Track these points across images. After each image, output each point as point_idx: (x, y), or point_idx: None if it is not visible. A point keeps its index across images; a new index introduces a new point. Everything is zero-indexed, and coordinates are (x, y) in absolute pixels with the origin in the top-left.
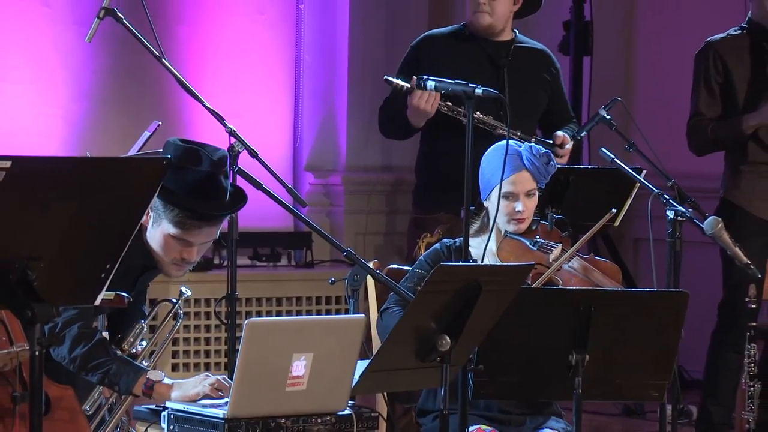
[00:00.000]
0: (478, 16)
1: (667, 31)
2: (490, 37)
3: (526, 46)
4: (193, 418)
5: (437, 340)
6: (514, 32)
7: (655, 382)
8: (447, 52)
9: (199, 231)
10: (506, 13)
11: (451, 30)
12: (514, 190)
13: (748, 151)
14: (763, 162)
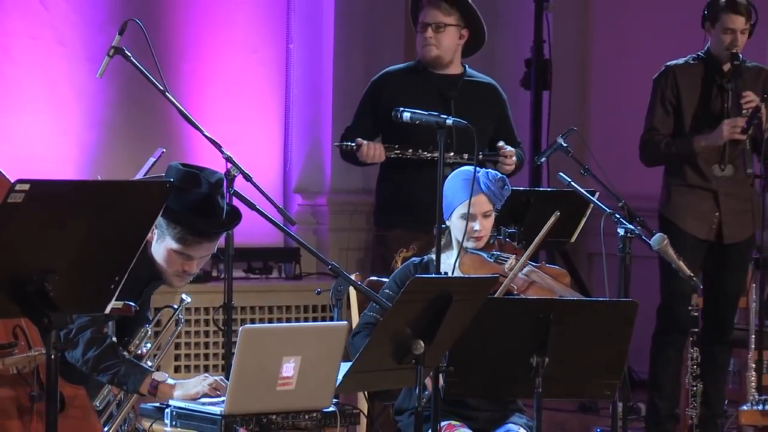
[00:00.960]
0: (426, 49)
1: (618, 67)
2: (440, 71)
3: (475, 79)
4: (193, 415)
5: (412, 345)
6: (464, 67)
7: (607, 382)
8: (402, 86)
9: (199, 246)
10: (452, 47)
11: (406, 66)
12: (473, 212)
13: (686, 175)
14: (697, 185)
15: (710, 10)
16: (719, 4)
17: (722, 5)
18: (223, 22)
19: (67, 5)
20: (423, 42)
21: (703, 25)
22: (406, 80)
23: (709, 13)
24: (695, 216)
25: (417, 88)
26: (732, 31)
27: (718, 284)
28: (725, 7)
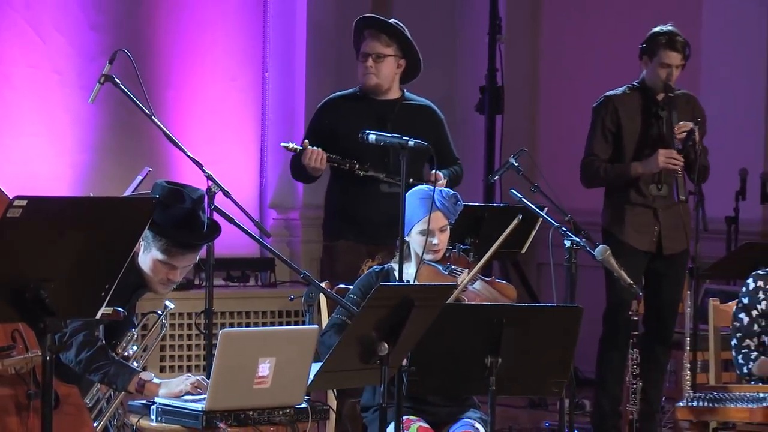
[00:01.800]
0: (367, 77)
1: (564, 94)
2: (379, 97)
3: (412, 102)
4: (177, 411)
5: (377, 347)
6: (402, 91)
7: (555, 380)
8: (344, 111)
9: (182, 257)
10: (391, 75)
11: (348, 92)
12: (431, 227)
13: (628, 193)
14: (638, 203)
15: (649, 45)
16: (659, 40)
17: (662, 42)
18: (204, 53)
19: (62, 37)
20: (364, 71)
21: (641, 57)
22: (348, 105)
23: (648, 47)
24: (637, 230)
25: (356, 112)
26: (669, 66)
27: (658, 292)
28: (665, 45)
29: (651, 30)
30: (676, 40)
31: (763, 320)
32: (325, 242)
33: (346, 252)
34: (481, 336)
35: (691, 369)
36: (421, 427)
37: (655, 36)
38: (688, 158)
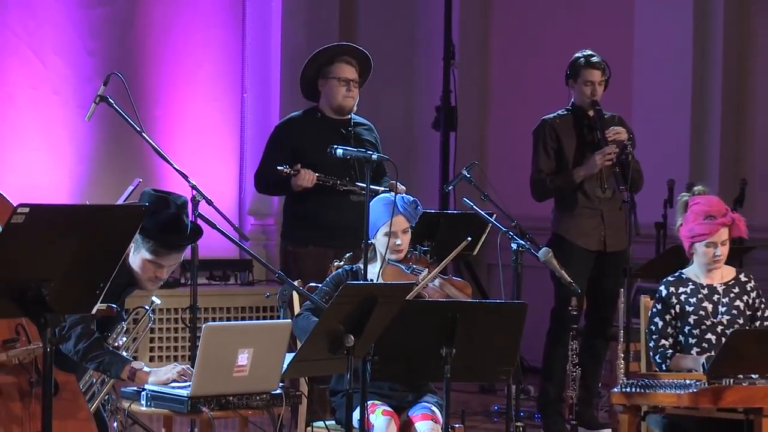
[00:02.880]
0: (347, 100)
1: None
2: (338, 116)
3: (359, 121)
4: (165, 397)
5: (344, 338)
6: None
7: (503, 368)
8: (306, 129)
9: (168, 256)
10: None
11: (306, 111)
12: (394, 230)
13: (577, 199)
14: (586, 207)
15: (572, 68)
16: (579, 62)
17: (582, 63)
18: (189, 76)
19: (61, 61)
20: (344, 94)
21: (567, 82)
22: (309, 123)
23: (571, 70)
24: (586, 232)
25: (321, 129)
26: (591, 83)
27: (600, 288)
28: (585, 65)
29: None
30: (593, 60)
31: (677, 321)
32: (292, 248)
33: (314, 257)
34: (437, 329)
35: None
36: (385, 410)
37: (575, 60)
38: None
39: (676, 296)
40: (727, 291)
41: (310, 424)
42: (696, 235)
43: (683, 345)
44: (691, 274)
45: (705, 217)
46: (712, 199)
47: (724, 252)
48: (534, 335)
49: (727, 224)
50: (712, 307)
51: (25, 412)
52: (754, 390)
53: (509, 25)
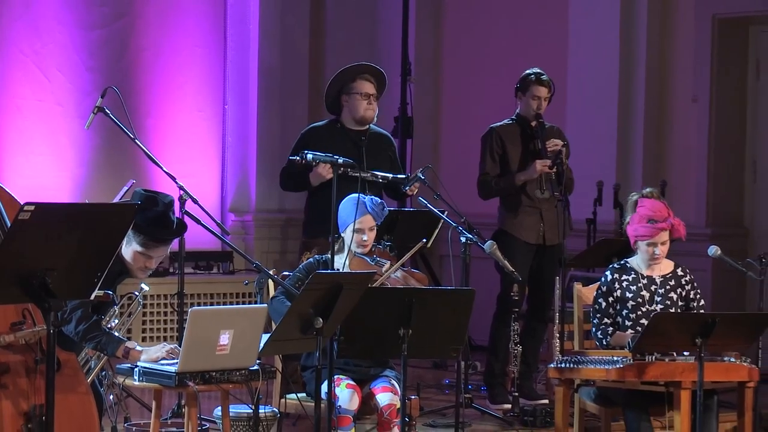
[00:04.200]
0: (369, 113)
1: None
2: (357, 128)
3: (376, 131)
4: (155, 373)
5: (314, 321)
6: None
7: (454, 347)
8: (326, 138)
9: (157, 249)
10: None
11: (327, 122)
12: (362, 227)
13: (520, 199)
14: (527, 206)
15: (522, 83)
16: (529, 78)
17: (532, 80)
18: (177, 89)
19: (63, 77)
20: (366, 108)
21: (516, 94)
22: (329, 133)
23: (521, 85)
24: (527, 228)
25: (338, 139)
26: (538, 98)
27: (540, 276)
28: (534, 81)
29: (523, 72)
30: (543, 78)
31: (618, 304)
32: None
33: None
34: (396, 312)
35: (560, 338)
36: (349, 384)
37: (526, 76)
38: (558, 172)
39: (619, 282)
40: (665, 283)
41: (284, 396)
42: (639, 236)
43: (620, 326)
44: (635, 264)
45: (648, 220)
46: (656, 204)
47: (663, 251)
48: (480, 318)
49: (666, 229)
50: (649, 296)
51: (30, 387)
52: (673, 365)
53: (458, 45)
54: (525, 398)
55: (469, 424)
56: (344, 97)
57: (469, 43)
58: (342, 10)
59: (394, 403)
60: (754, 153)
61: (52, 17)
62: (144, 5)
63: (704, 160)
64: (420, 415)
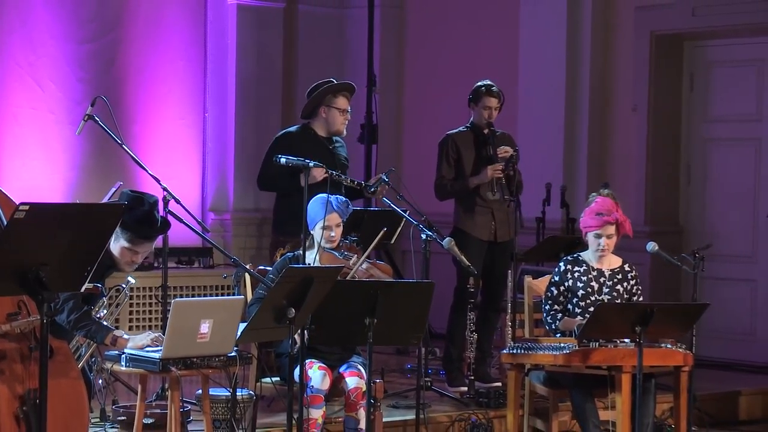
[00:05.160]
0: (343, 126)
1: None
2: (325, 134)
3: (338, 138)
4: (140, 358)
5: (287, 311)
6: None
7: (415, 334)
8: (299, 142)
9: (142, 245)
10: None
11: (300, 128)
12: (329, 224)
13: (474, 200)
14: (480, 206)
15: (474, 94)
16: (481, 90)
17: (483, 91)
18: (161, 99)
19: (56, 87)
20: (342, 122)
21: (469, 104)
22: (302, 138)
23: (473, 96)
24: (480, 226)
25: (312, 144)
26: (489, 108)
27: (493, 270)
28: (485, 92)
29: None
30: (492, 89)
31: (569, 293)
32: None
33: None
34: (362, 303)
35: (512, 326)
36: (321, 366)
37: (478, 87)
38: (509, 175)
39: (571, 273)
40: (612, 276)
41: (260, 380)
42: (587, 227)
43: (570, 314)
44: (586, 258)
45: (596, 213)
46: (606, 201)
47: (608, 244)
48: (439, 307)
49: (611, 222)
50: (598, 287)
51: (25, 372)
52: (615, 351)
53: (419, 60)
54: (480, 381)
55: (429, 405)
56: (324, 109)
57: (429, 58)
58: (313, 26)
59: (360, 387)
60: (688, 158)
61: (45, 32)
62: (130, 21)
63: (643, 164)
64: (384, 397)
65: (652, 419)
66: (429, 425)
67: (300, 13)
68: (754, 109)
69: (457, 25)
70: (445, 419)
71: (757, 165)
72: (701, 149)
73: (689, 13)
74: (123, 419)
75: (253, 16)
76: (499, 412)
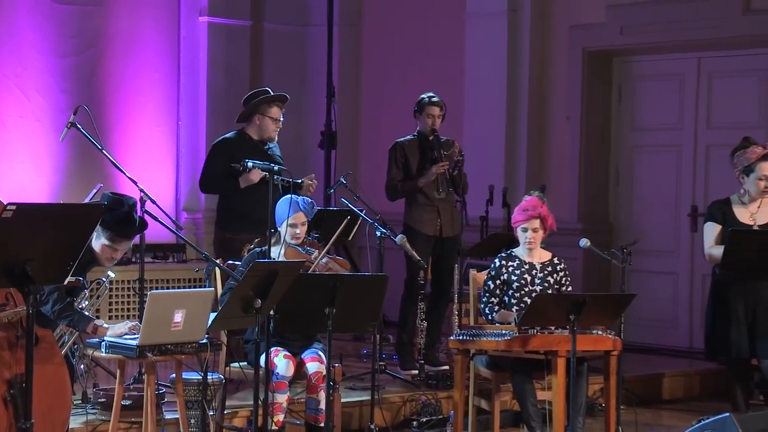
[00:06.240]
0: (275, 133)
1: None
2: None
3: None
4: (119, 345)
5: (254, 302)
6: None
7: (370, 322)
8: (237, 147)
9: (121, 242)
10: None
11: (236, 134)
12: (295, 222)
13: (421, 199)
14: (426, 204)
15: (418, 105)
16: (424, 101)
17: (426, 101)
18: (138, 107)
19: (41, 97)
20: (273, 129)
21: (415, 115)
22: (241, 142)
23: (418, 107)
24: (427, 222)
25: (250, 147)
26: (432, 116)
27: (440, 263)
28: (427, 103)
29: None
30: (435, 100)
31: (504, 286)
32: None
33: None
34: (323, 294)
35: (458, 315)
36: (286, 354)
37: (421, 99)
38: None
39: (506, 268)
40: (543, 268)
41: (228, 365)
42: (516, 222)
43: (506, 304)
44: (519, 253)
45: (523, 210)
46: (533, 199)
47: (534, 237)
48: (393, 298)
49: (535, 216)
50: (530, 279)
51: (12, 359)
52: (551, 337)
53: (374, 73)
54: (429, 365)
55: (383, 387)
56: (258, 117)
57: (383, 72)
58: (277, 43)
59: (320, 371)
60: (617, 162)
61: (31, 46)
62: (110, 37)
63: (576, 167)
64: (342, 380)
65: (585, 399)
66: (383, 405)
67: (265, 30)
68: (676, 119)
69: (408, 42)
70: (398, 400)
71: (679, 169)
72: (629, 155)
73: (618, 32)
74: (103, 401)
75: (223, 33)
76: (446, 393)
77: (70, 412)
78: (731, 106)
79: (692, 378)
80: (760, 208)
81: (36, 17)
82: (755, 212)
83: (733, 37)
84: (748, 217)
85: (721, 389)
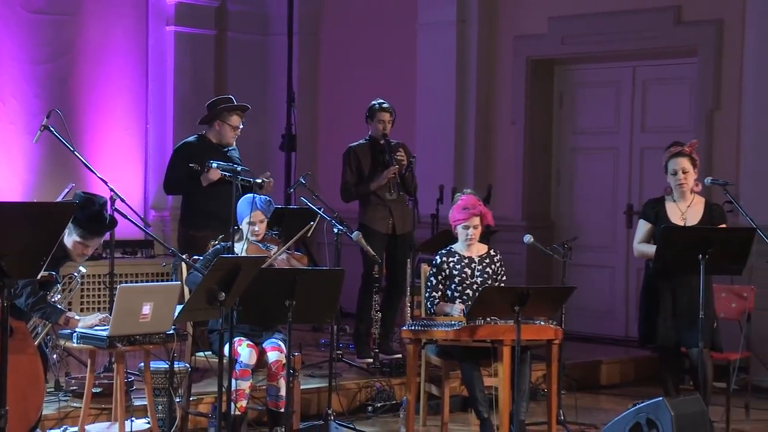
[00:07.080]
0: (233, 139)
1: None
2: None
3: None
4: (90, 336)
5: (218, 294)
6: None
7: (328, 314)
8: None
9: (92, 239)
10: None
11: (197, 138)
12: (254, 220)
13: (375, 199)
14: (379, 204)
15: (370, 111)
16: (374, 107)
17: (376, 108)
18: (108, 111)
19: (16, 102)
20: (231, 135)
21: (366, 120)
22: (202, 146)
23: (369, 113)
24: (380, 221)
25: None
26: (383, 121)
27: (395, 259)
28: (378, 109)
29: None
30: (384, 106)
31: (447, 281)
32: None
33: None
34: (283, 287)
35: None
36: (249, 344)
37: (372, 105)
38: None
39: (447, 263)
40: (481, 261)
41: (194, 354)
42: (456, 220)
43: (449, 297)
44: (458, 249)
45: (462, 208)
46: (470, 197)
47: (475, 233)
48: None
49: (476, 214)
50: (470, 272)
51: None
52: (497, 327)
53: (332, 80)
54: (384, 354)
55: (340, 374)
56: (218, 123)
57: (340, 78)
58: (240, 51)
59: (281, 360)
60: (558, 164)
61: (6, 54)
62: (82, 45)
63: (520, 168)
64: (302, 368)
65: (528, 385)
66: (340, 392)
67: (229, 39)
68: (613, 123)
69: (364, 51)
70: (354, 386)
71: (615, 170)
72: (569, 156)
73: (559, 42)
74: (75, 389)
75: (188, 42)
76: (400, 380)
77: (44, 400)
78: (664, 112)
79: (628, 365)
80: (689, 207)
81: (10, 26)
82: (685, 211)
83: (666, 48)
84: (679, 216)
85: (654, 375)
